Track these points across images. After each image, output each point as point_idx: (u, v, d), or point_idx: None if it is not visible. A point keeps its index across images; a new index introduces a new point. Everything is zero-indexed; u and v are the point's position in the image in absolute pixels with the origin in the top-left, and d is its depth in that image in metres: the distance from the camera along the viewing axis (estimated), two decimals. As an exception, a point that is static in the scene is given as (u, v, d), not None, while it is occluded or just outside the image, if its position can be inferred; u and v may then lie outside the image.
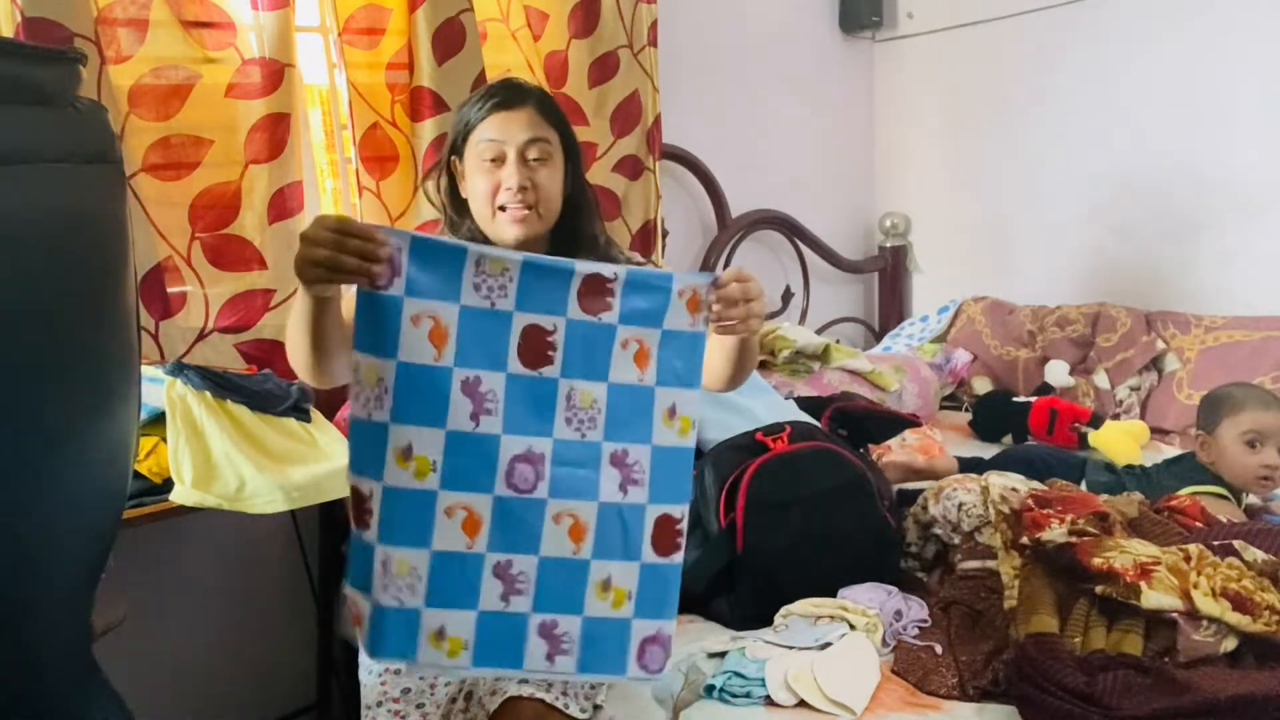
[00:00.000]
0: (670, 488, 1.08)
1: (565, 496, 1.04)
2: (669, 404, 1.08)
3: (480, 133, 1.36)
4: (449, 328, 1.00)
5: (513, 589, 1.01)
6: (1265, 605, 1.20)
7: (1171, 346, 2.38)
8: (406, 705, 1.28)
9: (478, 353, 1.01)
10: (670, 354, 1.08)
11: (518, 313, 1.03)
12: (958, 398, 2.64)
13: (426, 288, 1.00)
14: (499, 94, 1.37)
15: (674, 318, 1.08)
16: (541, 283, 1.04)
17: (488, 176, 1.36)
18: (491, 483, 1.02)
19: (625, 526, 1.05)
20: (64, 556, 0.84)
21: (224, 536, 1.89)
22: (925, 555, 1.62)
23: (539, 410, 1.04)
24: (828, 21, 2.93)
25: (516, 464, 1.02)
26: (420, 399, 0.99)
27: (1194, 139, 2.38)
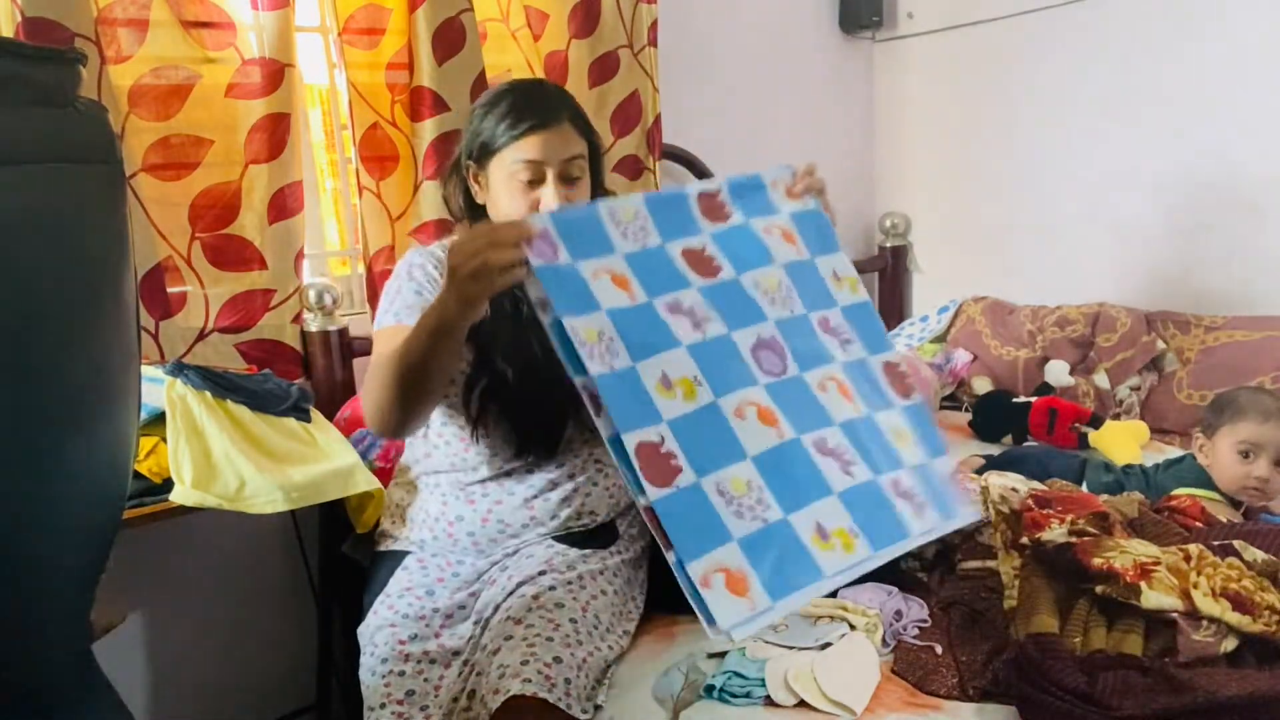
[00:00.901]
0: (873, 338, 1.13)
1: (814, 366, 1.07)
2: (830, 270, 1.16)
3: (516, 153, 1.31)
4: (625, 273, 1.04)
5: (843, 461, 1.00)
6: (1265, 605, 1.20)
7: (1171, 346, 2.38)
8: (410, 706, 1.28)
9: (661, 282, 1.05)
10: (806, 229, 1.17)
11: (667, 243, 1.09)
12: (958, 398, 2.64)
13: (586, 249, 1.03)
14: (534, 114, 1.32)
15: (784, 203, 1.18)
16: (669, 214, 1.10)
17: (523, 196, 1.32)
18: (752, 375, 1.03)
19: (870, 380, 1.10)
20: (64, 556, 0.84)
21: (224, 536, 1.89)
22: (925, 555, 1.62)
23: (744, 305, 1.08)
24: (828, 21, 2.93)
25: (759, 352, 1.05)
26: (645, 333, 1.00)
27: (1194, 138, 2.38)
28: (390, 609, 1.39)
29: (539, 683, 1.17)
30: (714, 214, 1.14)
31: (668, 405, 0.96)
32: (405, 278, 1.41)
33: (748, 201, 1.16)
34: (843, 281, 1.17)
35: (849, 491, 0.98)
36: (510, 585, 1.36)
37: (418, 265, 1.42)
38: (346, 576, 1.75)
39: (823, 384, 1.06)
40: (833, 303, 1.14)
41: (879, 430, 1.06)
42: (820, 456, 0.99)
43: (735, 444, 0.97)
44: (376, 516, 1.63)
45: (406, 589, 1.41)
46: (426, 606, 1.38)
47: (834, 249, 1.18)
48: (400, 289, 1.40)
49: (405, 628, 1.35)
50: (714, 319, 1.04)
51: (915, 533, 1.00)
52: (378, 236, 1.98)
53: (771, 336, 1.07)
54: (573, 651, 1.25)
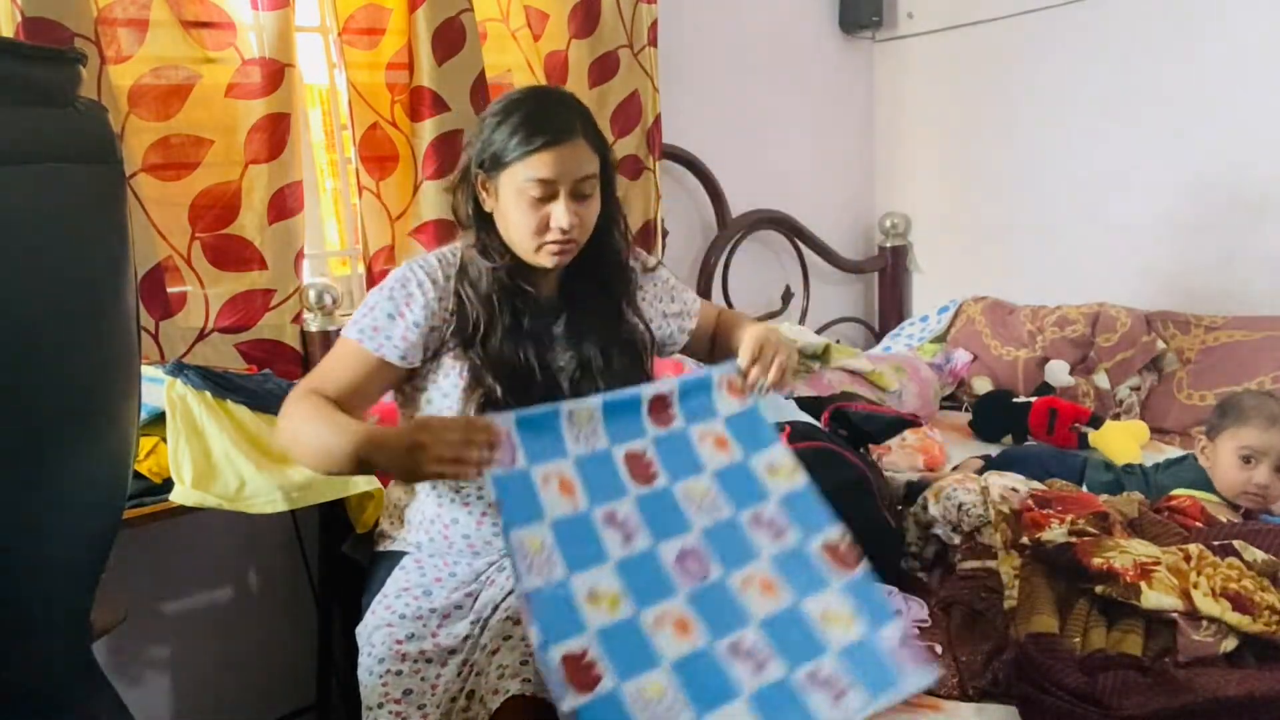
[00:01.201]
0: (812, 520, 1.17)
1: (739, 565, 1.12)
2: (764, 465, 1.22)
3: (528, 170, 1.28)
4: (573, 478, 1.13)
5: (757, 660, 1.05)
6: (1265, 605, 1.20)
7: (1171, 346, 2.38)
8: (408, 706, 1.27)
9: (603, 489, 1.14)
10: (740, 431, 1.23)
11: (614, 446, 1.17)
12: (958, 398, 2.64)
13: (541, 452, 1.12)
14: (548, 130, 1.27)
15: (724, 404, 1.25)
16: (620, 417, 1.18)
17: (533, 213, 1.30)
18: (672, 585, 1.10)
19: (804, 565, 1.14)
20: (64, 556, 0.84)
21: (224, 536, 1.89)
22: (925, 555, 1.62)
23: (672, 514, 1.15)
24: (828, 21, 2.93)
25: (682, 562, 1.11)
26: (581, 546, 1.09)
27: (1194, 138, 2.38)
28: (388, 609, 1.39)
29: (538, 683, 1.17)
30: (660, 417, 1.20)
31: (594, 616, 1.04)
32: (386, 297, 1.35)
33: (692, 405, 1.23)
34: (779, 472, 1.21)
35: (759, 693, 1.03)
36: (509, 585, 1.36)
37: (401, 284, 1.36)
38: (346, 576, 1.75)
39: (746, 582, 1.11)
40: (766, 496, 1.19)
41: (803, 619, 1.09)
42: (732, 660, 1.05)
43: (652, 653, 1.03)
44: (376, 517, 1.63)
45: (404, 589, 1.41)
46: (423, 606, 1.38)
47: (769, 443, 1.23)
48: (377, 305, 1.35)
49: (402, 627, 1.35)
50: (643, 531, 1.12)
51: (829, 718, 1.04)
52: (378, 236, 1.98)
53: (695, 545, 1.13)
54: (572, 651, 1.25)
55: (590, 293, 1.42)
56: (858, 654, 1.07)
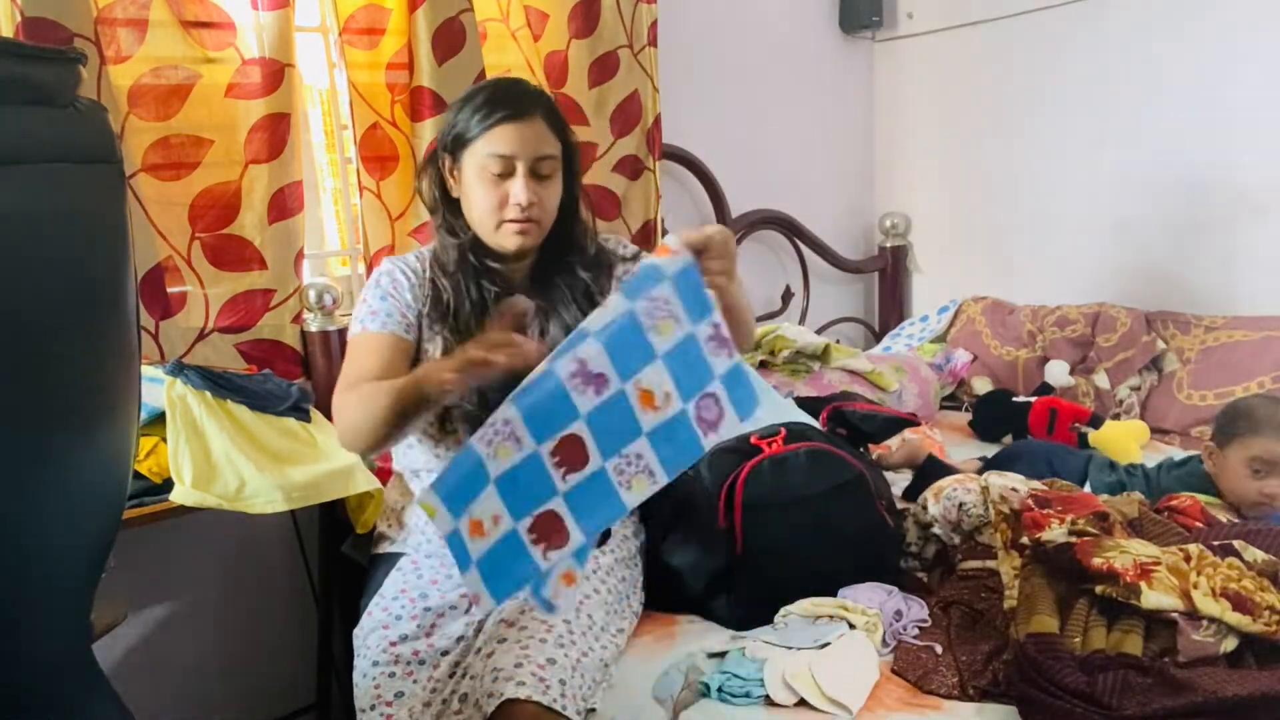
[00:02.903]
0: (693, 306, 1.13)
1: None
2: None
3: (487, 145, 1.33)
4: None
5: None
6: (1265, 605, 1.20)
7: (1171, 346, 2.38)
8: (399, 708, 1.27)
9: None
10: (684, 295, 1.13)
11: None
12: (958, 398, 2.64)
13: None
14: (506, 103, 1.33)
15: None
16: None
17: (493, 189, 1.35)
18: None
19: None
20: (64, 557, 0.84)
21: (224, 536, 1.89)
22: (925, 555, 1.62)
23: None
24: (828, 21, 2.93)
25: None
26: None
27: (1194, 138, 2.38)
28: (384, 610, 1.39)
29: (533, 685, 1.17)
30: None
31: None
32: (374, 285, 1.45)
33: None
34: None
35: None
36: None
37: (386, 273, 1.45)
38: (346, 577, 1.75)
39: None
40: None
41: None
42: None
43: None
44: (376, 517, 1.63)
45: (401, 591, 1.41)
46: (419, 607, 1.38)
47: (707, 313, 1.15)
48: (367, 297, 1.44)
49: (397, 629, 1.35)
50: None
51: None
52: (378, 236, 1.98)
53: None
54: (566, 652, 1.25)
55: (560, 277, 1.46)
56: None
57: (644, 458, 1.11)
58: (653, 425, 1.11)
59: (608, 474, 1.11)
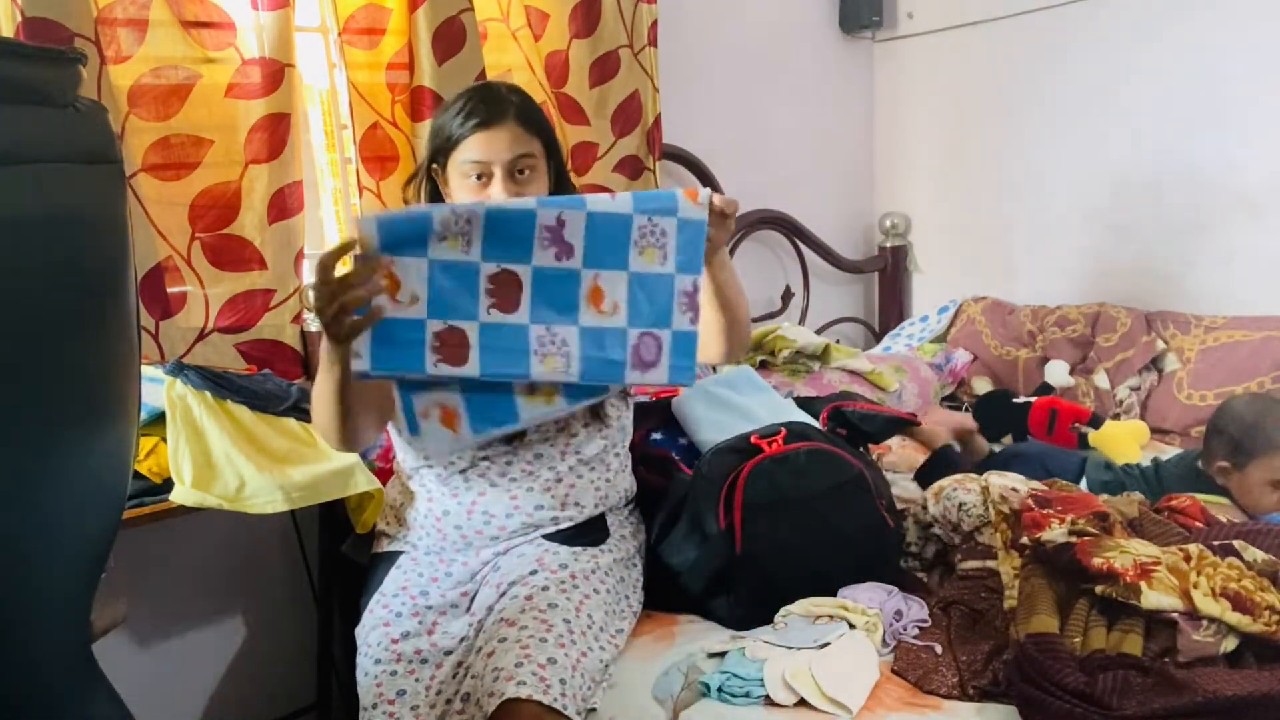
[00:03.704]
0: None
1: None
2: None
3: (464, 152, 1.37)
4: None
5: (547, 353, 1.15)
6: (1265, 605, 1.20)
7: (1171, 346, 2.38)
8: (401, 706, 1.27)
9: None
10: (682, 241, 1.19)
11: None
12: (958, 398, 2.64)
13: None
14: (478, 111, 1.37)
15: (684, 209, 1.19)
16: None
17: (474, 195, 1.38)
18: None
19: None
20: (64, 556, 0.84)
21: (224, 537, 1.89)
22: (925, 555, 1.62)
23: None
24: (828, 21, 2.93)
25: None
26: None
27: (1194, 138, 2.38)
28: (385, 608, 1.39)
29: (534, 685, 1.17)
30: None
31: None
32: None
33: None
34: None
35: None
36: (503, 585, 1.36)
37: None
38: (346, 577, 1.75)
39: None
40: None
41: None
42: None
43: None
44: (376, 517, 1.63)
45: (401, 588, 1.42)
46: (420, 605, 1.38)
47: (695, 270, 1.21)
48: None
49: (398, 626, 1.35)
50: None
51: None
52: (378, 236, 1.98)
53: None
54: (566, 652, 1.25)
55: None
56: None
57: (568, 345, 1.13)
58: (590, 322, 1.13)
59: (528, 333, 1.12)
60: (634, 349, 1.14)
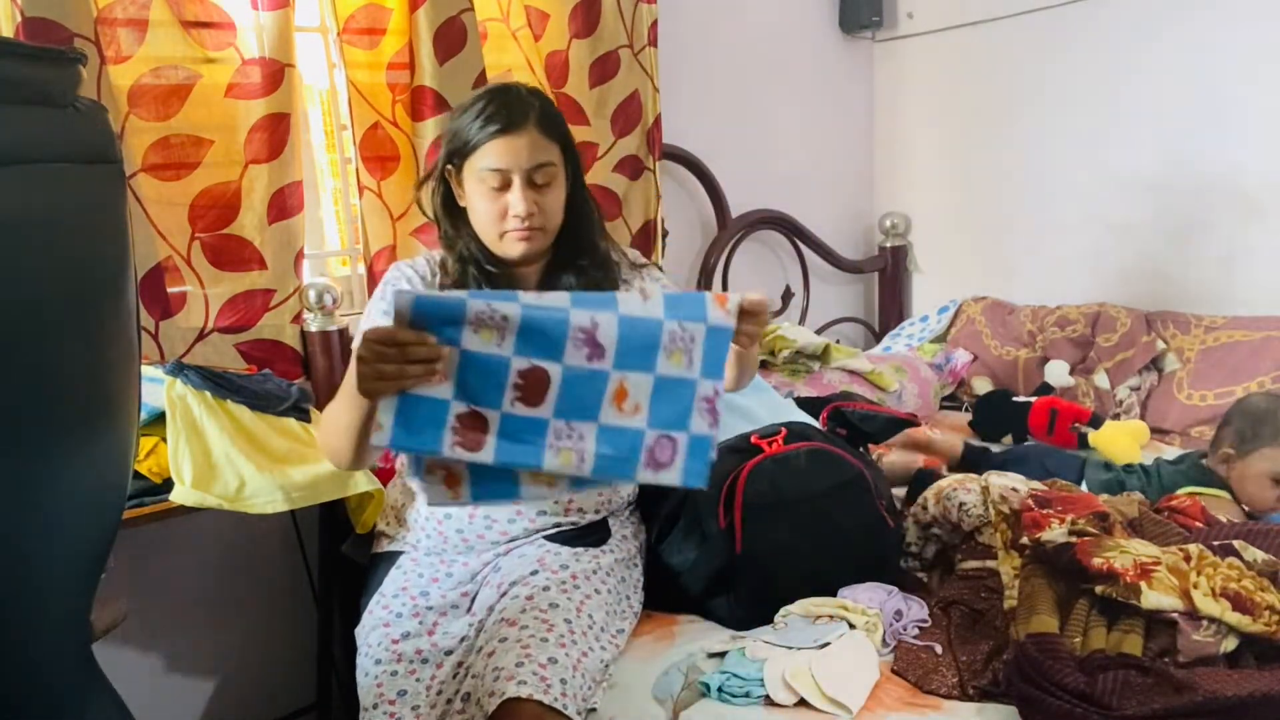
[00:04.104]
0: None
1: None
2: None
3: (482, 159, 1.34)
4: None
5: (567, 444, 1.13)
6: (1265, 605, 1.20)
7: (1171, 346, 2.38)
8: (401, 706, 1.27)
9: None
10: (709, 346, 1.17)
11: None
12: (958, 398, 2.64)
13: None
14: (499, 117, 1.34)
15: (714, 315, 1.18)
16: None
17: (492, 201, 1.36)
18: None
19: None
20: (63, 557, 0.84)
21: (224, 536, 1.89)
22: (925, 555, 1.62)
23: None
24: (828, 21, 2.93)
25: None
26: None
27: (1194, 138, 2.38)
28: (385, 608, 1.39)
29: (534, 684, 1.17)
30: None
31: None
32: (379, 296, 1.44)
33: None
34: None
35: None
36: (504, 585, 1.36)
37: (392, 282, 1.45)
38: (346, 577, 1.75)
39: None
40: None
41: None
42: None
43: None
44: (376, 517, 1.63)
45: (401, 589, 1.42)
46: (420, 605, 1.38)
47: (717, 376, 1.18)
48: (371, 309, 1.43)
49: (398, 626, 1.35)
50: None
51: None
52: (378, 236, 1.98)
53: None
54: (567, 652, 1.25)
55: (570, 277, 1.46)
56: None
57: (584, 440, 1.12)
58: (610, 421, 1.12)
59: (547, 426, 1.11)
60: (649, 449, 1.13)
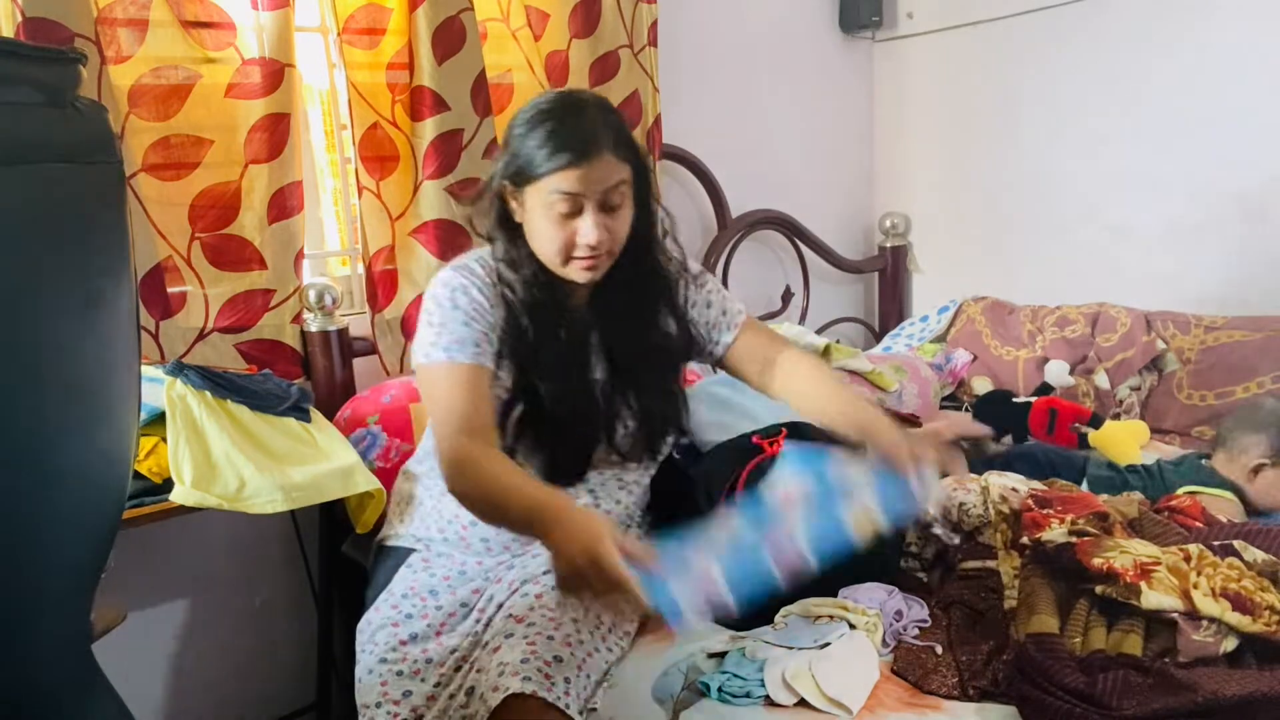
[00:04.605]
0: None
1: None
2: None
3: (553, 184, 1.25)
4: None
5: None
6: (1265, 605, 1.20)
7: (1171, 346, 2.38)
8: (404, 706, 1.27)
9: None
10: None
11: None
12: (958, 398, 2.64)
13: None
14: (572, 144, 1.24)
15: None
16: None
17: (560, 226, 1.27)
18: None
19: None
20: (64, 557, 0.84)
21: (224, 536, 1.89)
22: (925, 555, 1.62)
23: None
24: (828, 21, 2.93)
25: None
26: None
27: (1194, 138, 2.38)
28: (393, 608, 1.39)
29: (538, 681, 1.17)
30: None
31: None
32: (450, 305, 1.32)
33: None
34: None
35: None
36: (515, 583, 1.36)
37: (460, 289, 1.33)
38: (346, 576, 1.75)
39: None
40: None
41: None
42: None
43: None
44: (376, 517, 1.63)
45: (410, 589, 1.41)
46: (430, 606, 1.37)
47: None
48: (445, 320, 1.31)
49: (407, 627, 1.35)
50: None
51: None
52: (378, 236, 1.98)
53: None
54: (573, 651, 1.25)
55: (621, 300, 1.39)
56: None
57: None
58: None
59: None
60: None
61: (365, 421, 1.78)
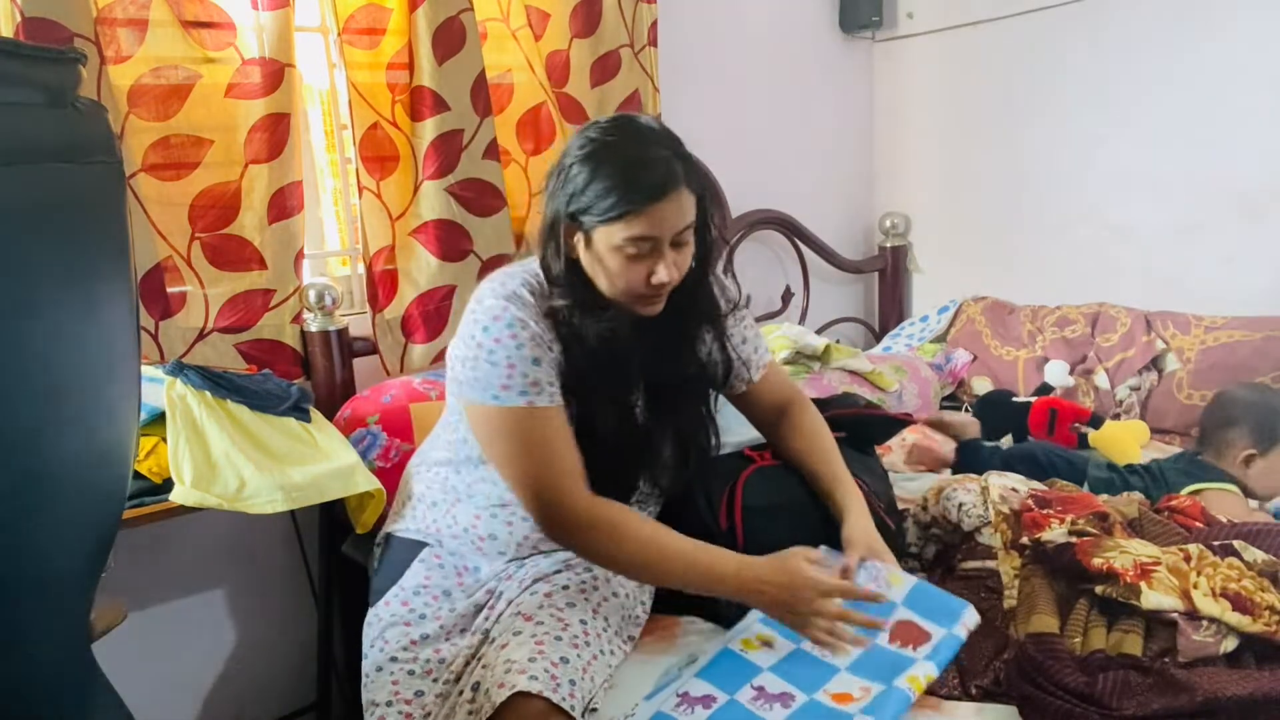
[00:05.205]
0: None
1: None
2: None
3: (627, 229, 1.19)
4: None
5: None
6: (1265, 605, 1.20)
7: (1171, 346, 2.38)
8: (415, 706, 1.26)
9: None
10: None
11: None
12: (958, 398, 2.64)
13: None
14: (649, 188, 1.18)
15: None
16: None
17: (631, 268, 1.23)
18: None
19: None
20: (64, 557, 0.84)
21: (224, 536, 1.89)
22: (925, 555, 1.62)
23: None
24: (828, 21, 2.93)
25: None
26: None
27: (1194, 138, 2.38)
28: (404, 604, 1.37)
29: (545, 681, 1.17)
30: None
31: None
32: (514, 344, 1.24)
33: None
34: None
35: None
36: (525, 581, 1.36)
37: (518, 324, 1.25)
38: (346, 576, 1.75)
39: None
40: None
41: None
42: None
43: None
44: (376, 517, 1.63)
45: (423, 586, 1.39)
46: (443, 608, 1.36)
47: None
48: (514, 359, 1.24)
49: (419, 627, 1.33)
50: None
51: None
52: (378, 236, 1.98)
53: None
54: (580, 653, 1.25)
55: (670, 326, 1.36)
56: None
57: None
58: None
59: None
60: None
61: (365, 421, 1.78)
